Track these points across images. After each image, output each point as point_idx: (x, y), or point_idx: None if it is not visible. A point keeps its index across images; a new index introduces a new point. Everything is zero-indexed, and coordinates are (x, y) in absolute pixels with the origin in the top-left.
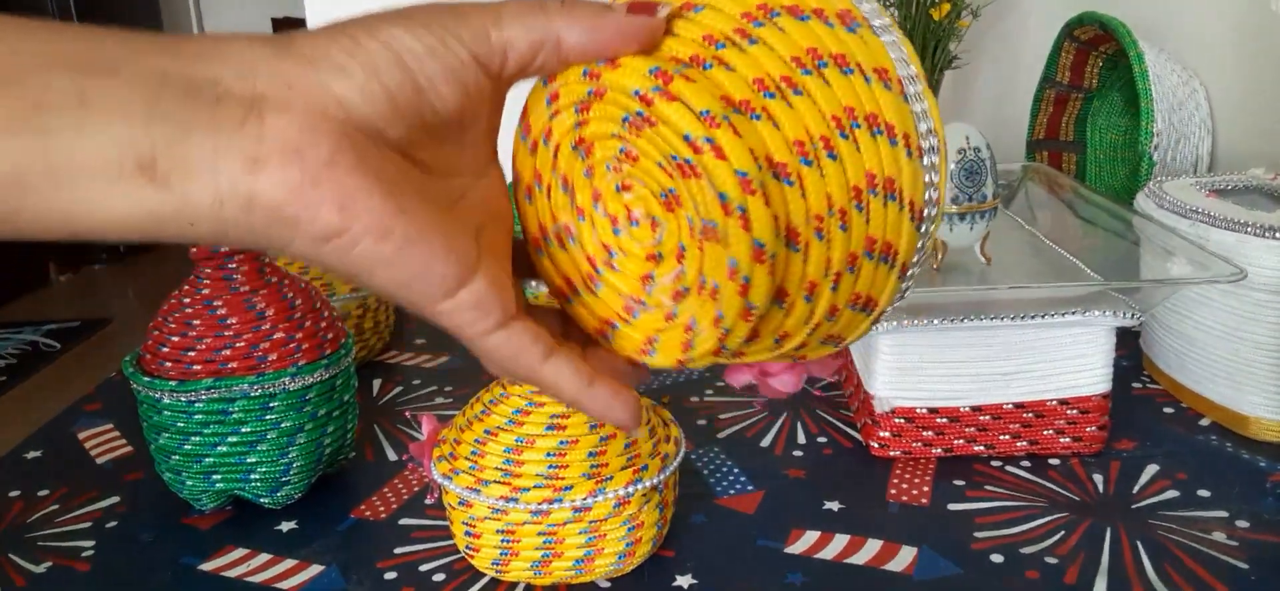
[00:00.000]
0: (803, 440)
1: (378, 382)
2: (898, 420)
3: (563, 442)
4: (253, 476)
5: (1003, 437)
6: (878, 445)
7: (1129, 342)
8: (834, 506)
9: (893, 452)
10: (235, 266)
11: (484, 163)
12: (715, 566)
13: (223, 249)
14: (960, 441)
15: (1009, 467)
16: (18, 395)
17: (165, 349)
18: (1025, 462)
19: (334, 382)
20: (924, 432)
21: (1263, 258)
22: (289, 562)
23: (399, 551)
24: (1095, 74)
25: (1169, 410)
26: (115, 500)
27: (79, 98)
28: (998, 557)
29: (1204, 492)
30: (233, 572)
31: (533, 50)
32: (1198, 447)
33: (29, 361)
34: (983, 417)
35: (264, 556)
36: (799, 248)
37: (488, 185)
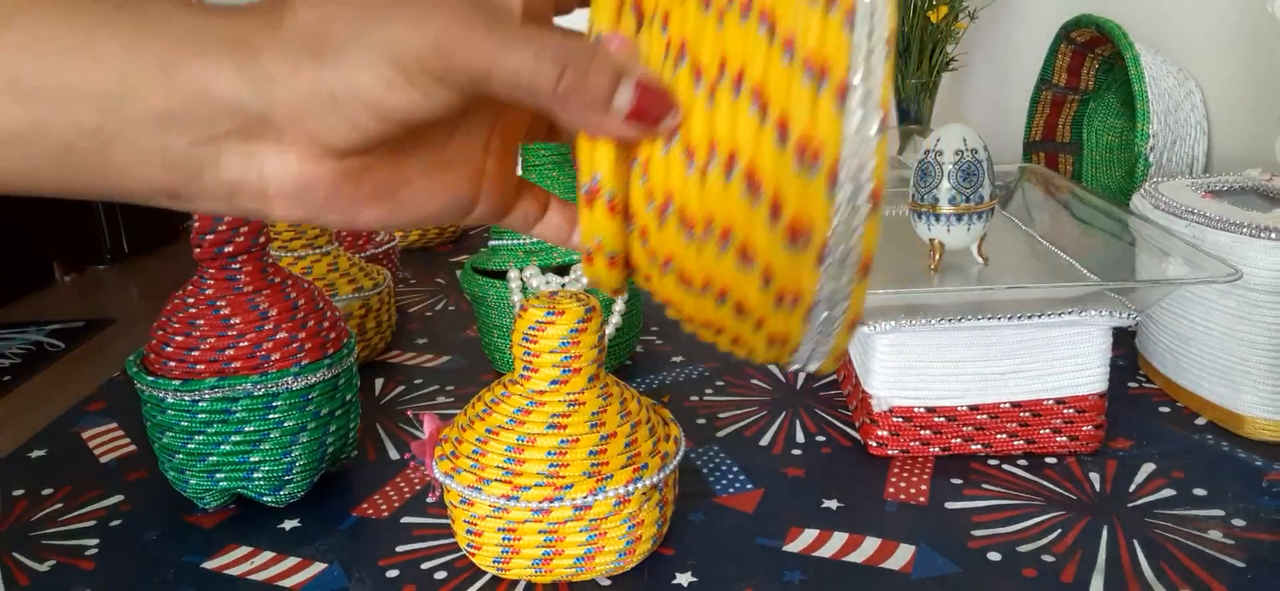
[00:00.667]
0: (801, 439)
1: (380, 382)
2: (895, 419)
3: (563, 441)
4: (256, 475)
5: (1000, 436)
6: (876, 444)
7: (1125, 342)
8: (832, 505)
9: (891, 451)
10: (238, 267)
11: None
12: (714, 564)
13: (226, 249)
14: (958, 440)
15: (1006, 466)
16: (22, 394)
17: (169, 348)
18: (1022, 461)
19: (336, 382)
20: (922, 431)
21: (1258, 258)
22: (291, 561)
23: (401, 549)
24: (1091, 76)
25: (1165, 409)
26: (119, 499)
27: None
28: (995, 555)
29: (1200, 491)
30: (236, 571)
31: None
32: (1194, 446)
33: (33, 361)
34: (980, 417)
35: (267, 554)
36: None
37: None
